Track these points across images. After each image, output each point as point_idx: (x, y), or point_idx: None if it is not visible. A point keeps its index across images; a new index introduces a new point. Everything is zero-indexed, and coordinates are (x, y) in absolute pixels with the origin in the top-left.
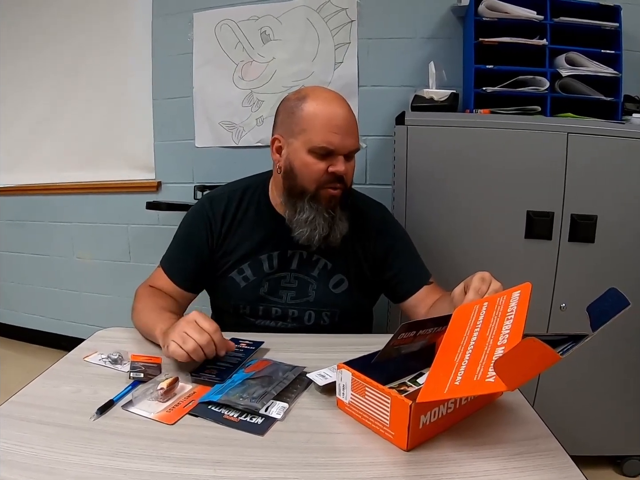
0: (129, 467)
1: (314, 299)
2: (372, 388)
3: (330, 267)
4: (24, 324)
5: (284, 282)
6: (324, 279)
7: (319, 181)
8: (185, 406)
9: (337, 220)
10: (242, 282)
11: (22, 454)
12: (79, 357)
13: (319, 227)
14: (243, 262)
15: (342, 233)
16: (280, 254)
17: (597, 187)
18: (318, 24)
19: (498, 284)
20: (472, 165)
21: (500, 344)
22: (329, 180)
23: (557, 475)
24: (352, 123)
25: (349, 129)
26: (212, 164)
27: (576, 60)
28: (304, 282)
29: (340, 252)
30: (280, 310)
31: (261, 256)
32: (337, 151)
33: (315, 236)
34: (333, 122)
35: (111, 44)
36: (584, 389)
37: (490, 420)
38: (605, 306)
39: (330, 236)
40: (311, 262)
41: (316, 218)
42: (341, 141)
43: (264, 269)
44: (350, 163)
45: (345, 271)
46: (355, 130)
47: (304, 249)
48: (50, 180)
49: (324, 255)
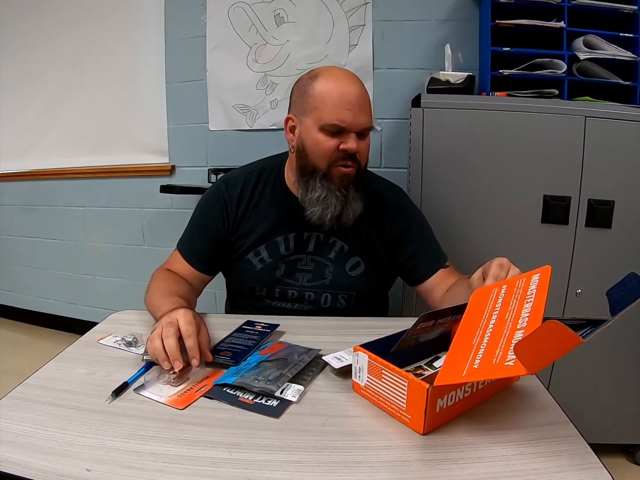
0: (144, 449)
1: (330, 281)
2: (389, 371)
3: (346, 249)
4: (38, 308)
5: (301, 265)
6: (340, 262)
7: (330, 159)
8: (198, 390)
9: (350, 199)
10: (258, 264)
11: (36, 436)
12: (93, 340)
13: (331, 206)
14: (259, 244)
15: (356, 213)
16: (297, 236)
17: (614, 172)
18: (332, 6)
19: (517, 270)
20: (489, 149)
21: (519, 327)
22: (340, 158)
23: (574, 461)
24: (365, 101)
25: (361, 106)
26: (226, 147)
27: (594, 43)
28: (320, 264)
29: (356, 234)
30: (297, 292)
31: (277, 238)
32: (348, 128)
33: (327, 215)
34: (344, 99)
35: (124, 28)
36: (597, 377)
37: (506, 405)
38: (625, 291)
39: (342, 215)
40: (328, 245)
41: (328, 197)
42: (353, 118)
43: (280, 250)
44: (364, 142)
45: (362, 254)
46: (368, 108)
47: (320, 231)
48: (62, 165)
49: (340, 238)
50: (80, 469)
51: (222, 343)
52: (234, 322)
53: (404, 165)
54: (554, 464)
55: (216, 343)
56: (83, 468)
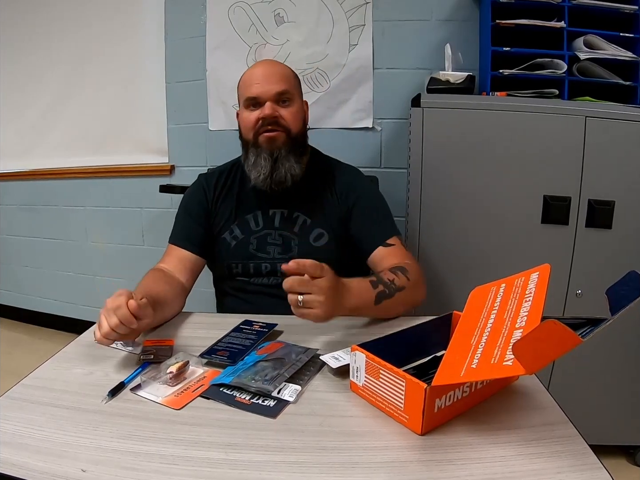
0: (140, 449)
1: (296, 253)
2: (387, 371)
3: (309, 222)
4: (38, 308)
5: (270, 239)
6: (304, 234)
7: (254, 129)
8: (195, 390)
9: (280, 159)
10: (232, 241)
11: (32, 436)
12: (91, 340)
13: (262, 168)
14: (232, 222)
15: (292, 172)
16: (263, 213)
17: (615, 172)
18: (332, 6)
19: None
20: (489, 148)
21: (518, 326)
22: (262, 125)
23: (574, 462)
24: (273, 72)
25: (268, 77)
26: (226, 147)
27: (594, 43)
28: (287, 238)
29: (317, 207)
30: (269, 265)
31: (247, 216)
32: (261, 97)
33: (260, 176)
34: (254, 75)
35: (124, 28)
36: (597, 378)
37: (505, 405)
38: (625, 290)
39: (274, 174)
40: (292, 219)
41: (258, 160)
42: (262, 88)
43: (250, 226)
44: (285, 109)
45: (324, 225)
46: (278, 77)
47: (284, 208)
48: (63, 164)
49: (303, 212)
50: (76, 469)
51: (219, 343)
52: (232, 321)
53: (403, 165)
54: (553, 465)
55: (213, 342)
56: (79, 469)
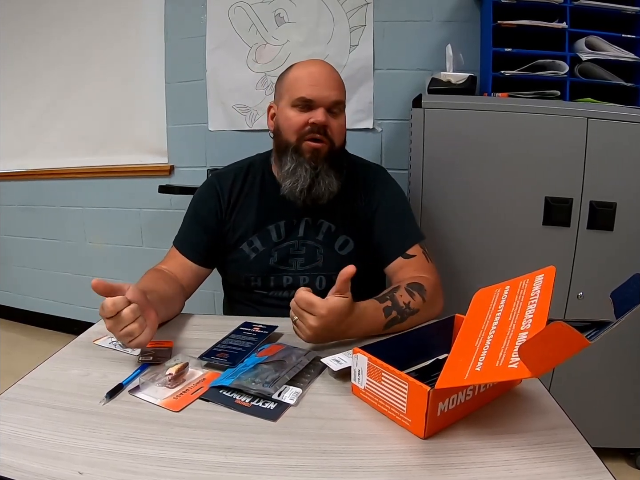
0: (138, 452)
1: (322, 263)
2: (389, 373)
3: (333, 229)
4: (36, 308)
5: (293, 250)
6: (329, 242)
7: (300, 133)
8: (194, 393)
9: (321, 173)
10: (251, 253)
11: (29, 438)
12: (89, 341)
13: (301, 179)
14: (252, 234)
15: (330, 189)
16: (287, 223)
17: (617, 173)
18: (333, 6)
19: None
20: (490, 149)
21: (523, 328)
22: (309, 131)
23: (578, 466)
24: (332, 77)
25: (327, 82)
26: (226, 147)
27: (596, 44)
28: (311, 247)
29: (341, 213)
30: (292, 278)
31: (269, 226)
32: (316, 101)
33: (297, 187)
34: (311, 76)
35: (124, 28)
36: (597, 380)
37: (509, 408)
38: (630, 292)
39: (313, 189)
40: (316, 226)
41: (297, 169)
42: (319, 92)
43: (272, 238)
44: (335, 119)
45: (349, 232)
46: (336, 84)
47: (309, 216)
48: (61, 165)
49: (327, 218)
50: (73, 472)
51: (219, 344)
52: (232, 323)
53: (404, 166)
54: (557, 469)
55: (213, 344)
56: (76, 471)
